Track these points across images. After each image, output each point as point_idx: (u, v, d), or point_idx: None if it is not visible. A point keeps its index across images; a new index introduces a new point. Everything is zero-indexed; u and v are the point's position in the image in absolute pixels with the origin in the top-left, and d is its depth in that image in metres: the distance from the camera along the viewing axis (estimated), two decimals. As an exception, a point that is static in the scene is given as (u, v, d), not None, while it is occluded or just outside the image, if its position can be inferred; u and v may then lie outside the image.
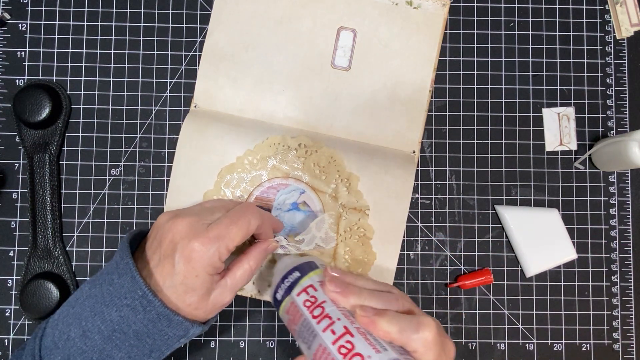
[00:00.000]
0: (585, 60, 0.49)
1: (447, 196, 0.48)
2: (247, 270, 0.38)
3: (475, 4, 0.49)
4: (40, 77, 0.48)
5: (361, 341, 0.32)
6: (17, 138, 0.47)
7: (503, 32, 0.49)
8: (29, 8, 0.48)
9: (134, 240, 0.38)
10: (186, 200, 0.46)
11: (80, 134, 0.48)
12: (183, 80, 0.48)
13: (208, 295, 0.36)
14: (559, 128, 0.49)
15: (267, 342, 0.47)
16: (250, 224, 0.37)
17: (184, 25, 0.49)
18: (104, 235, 0.47)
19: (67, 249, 0.47)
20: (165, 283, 0.35)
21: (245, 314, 0.47)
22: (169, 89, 0.48)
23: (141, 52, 0.48)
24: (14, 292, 0.46)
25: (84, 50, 0.48)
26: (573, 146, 0.49)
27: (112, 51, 0.48)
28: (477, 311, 0.47)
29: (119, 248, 0.37)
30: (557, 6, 0.50)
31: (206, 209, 0.39)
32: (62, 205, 0.47)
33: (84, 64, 0.48)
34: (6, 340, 0.46)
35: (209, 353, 0.46)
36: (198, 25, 0.49)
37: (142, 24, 0.49)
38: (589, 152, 0.48)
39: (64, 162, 0.48)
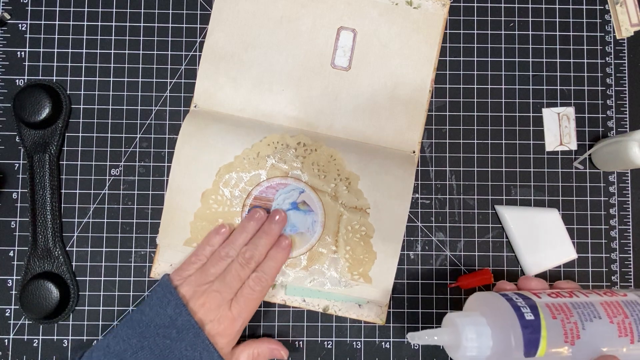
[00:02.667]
0: (585, 60, 0.49)
1: (447, 196, 0.48)
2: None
3: (475, 4, 0.49)
4: (40, 77, 0.48)
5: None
6: (17, 138, 0.47)
7: (503, 32, 0.49)
8: (29, 8, 0.48)
9: None
10: (185, 200, 0.46)
11: (80, 134, 0.48)
12: (183, 80, 0.48)
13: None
14: (559, 128, 0.49)
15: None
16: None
17: (184, 25, 0.49)
18: (104, 235, 0.47)
19: (67, 249, 0.47)
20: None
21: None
22: (169, 89, 0.48)
23: (141, 52, 0.48)
24: (14, 292, 0.46)
25: (84, 50, 0.48)
26: (573, 146, 0.49)
27: (112, 51, 0.48)
28: (477, 311, 0.47)
29: (172, 303, 0.40)
30: (557, 6, 0.50)
31: (221, 279, 0.42)
32: (62, 205, 0.47)
33: (84, 64, 0.48)
34: (6, 340, 0.46)
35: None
36: (198, 25, 0.49)
37: (142, 24, 0.49)
38: (589, 152, 0.48)
39: (64, 162, 0.48)
